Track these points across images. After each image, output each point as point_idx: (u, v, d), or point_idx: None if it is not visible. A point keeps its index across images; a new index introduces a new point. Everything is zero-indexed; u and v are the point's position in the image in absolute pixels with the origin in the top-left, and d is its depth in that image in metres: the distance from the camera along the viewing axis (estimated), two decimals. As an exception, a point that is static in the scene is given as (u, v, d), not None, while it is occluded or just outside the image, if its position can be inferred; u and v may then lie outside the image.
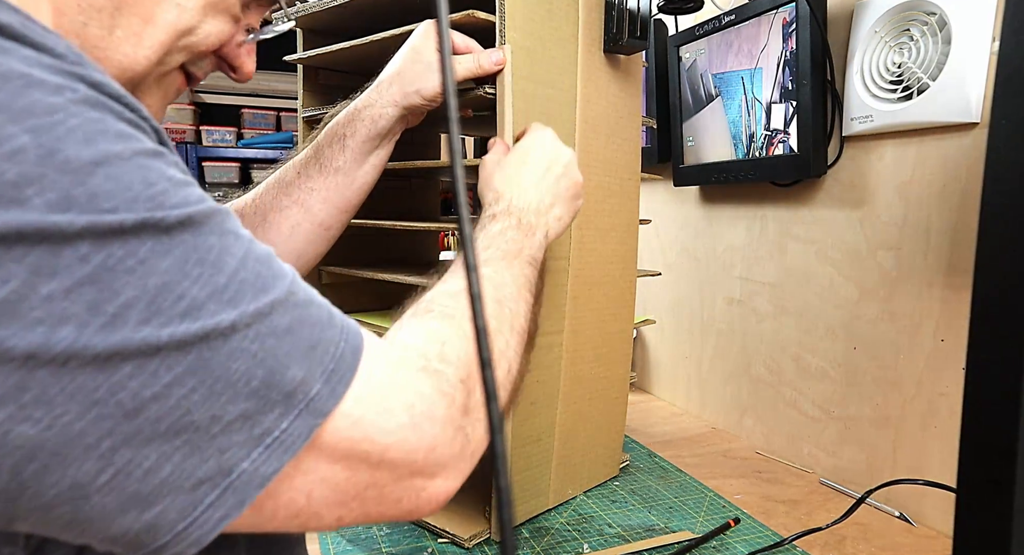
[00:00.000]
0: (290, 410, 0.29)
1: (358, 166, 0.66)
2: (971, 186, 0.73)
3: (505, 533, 0.24)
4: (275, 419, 0.28)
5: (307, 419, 0.29)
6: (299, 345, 0.29)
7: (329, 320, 0.32)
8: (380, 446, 0.32)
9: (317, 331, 0.31)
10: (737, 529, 0.77)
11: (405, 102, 0.64)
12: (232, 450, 0.27)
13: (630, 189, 0.87)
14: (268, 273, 0.30)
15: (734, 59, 1.00)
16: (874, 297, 0.85)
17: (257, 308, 0.28)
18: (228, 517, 0.27)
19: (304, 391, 0.29)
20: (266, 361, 0.28)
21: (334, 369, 0.31)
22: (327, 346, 0.31)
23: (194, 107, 2.70)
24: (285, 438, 0.28)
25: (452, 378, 0.37)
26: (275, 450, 0.28)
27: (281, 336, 0.29)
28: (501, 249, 0.51)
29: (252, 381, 0.27)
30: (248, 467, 0.28)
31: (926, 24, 0.76)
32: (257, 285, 0.29)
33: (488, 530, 0.76)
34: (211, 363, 0.26)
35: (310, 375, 0.29)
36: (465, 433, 0.37)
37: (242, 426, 0.27)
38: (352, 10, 0.82)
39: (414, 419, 0.34)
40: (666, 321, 1.28)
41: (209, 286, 0.27)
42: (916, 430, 0.80)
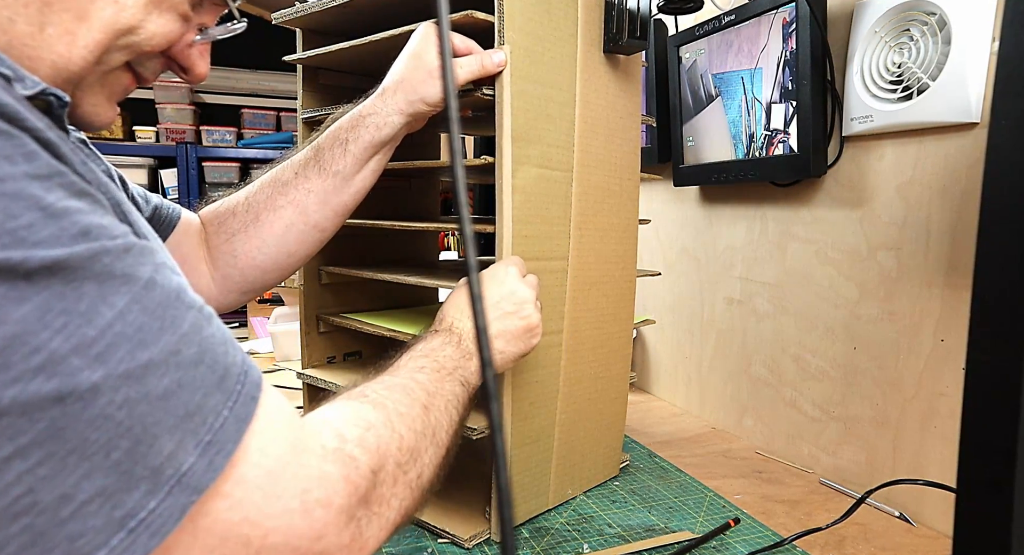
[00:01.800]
0: (158, 487, 0.25)
1: (357, 171, 0.66)
2: (971, 186, 0.73)
3: (505, 533, 0.24)
4: (140, 498, 0.25)
5: (179, 497, 0.26)
6: (175, 412, 0.26)
7: (219, 383, 0.29)
8: (261, 530, 0.29)
9: (199, 396, 0.27)
10: (737, 529, 0.77)
11: (410, 110, 0.64)
12: (86, 537, 0.23)
13: (630, 189, 0.87)
14: (154, 325, 0.26)
15: (734, 59, 1.00)
16: (874, 297, 0.85)
17: (128, 369, 0.25)
18: None
19: (174, 465, 0.26)
20: (133, 430, 0.24)
21: (211, 440, 0.27)
22: (206, 415, 0.27)
23: (194, 107, 2.70)
24: (152, 520, 0.25)
25: (363, 467, 0.35)
26: (140, 535, 0.25)
27: (155, 402, 0.25)
28: (437, 361, 0.51)
29: (112, 453, 0.24)
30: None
31: (926, 24, 0.76)
32: (135, 339, 0.25)
33: (488, 530, 0.76)
34: (65, 432, 0.23)
35: (182, 447, 0.26)
36: (359, 525, 0.34)
37: (100, 507, 0.24)
38: (352, 10, 0.82)
39: (306, 505, 0.31)
40: (666, 321, 1.28)
41: (74, 338, 0.23)
42: (916, 430, 0.80)
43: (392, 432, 0.39)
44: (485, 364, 0.25)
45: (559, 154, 0.75)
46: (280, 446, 0.31)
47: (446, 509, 0.80)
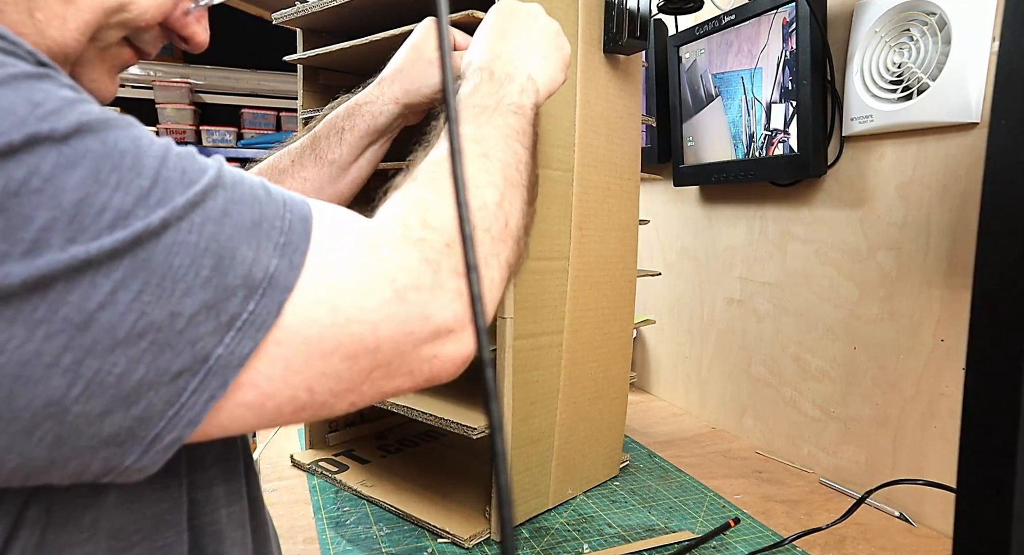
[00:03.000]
0: (253, 291, 0.28)
1: (353, 160, 0.66)
2: (971, 186, 0.73)
3: (505, 533, 0.24)
4: (239, 303, 0.28)
5: (273, 296, 0.29)
6: (241, 224, 0.28)
7: (267, 195, 0.31)
8: (369, 326, 0.31)
9: (257, 207, 0.30)
10: (737, 529, 0.77)
11: (407, 99, 0.64)
12: (203, 339, 0.27)
13: (630, 189, 0.87)
14: (193, 167, 0.29)
15: (734, 59, 1.00)
16: (874, 297, 0.85)
17: (188, 200, 0.27)
18: (215, 398, 0.28)
19: (262, 269, 0.28)
20: (210, 248, 0.27)
21: (286, 242, 0.30)
22: (272, 220, 0.30)
23: (194, 107, 2.70)
24: (254, 318, 0.28)
25: (437, 243, 0.35)
26: (247, 331, 0.28)
27: (218, 220, 0.28)
28: (476, 106, 0.47)
29: (202, 271, 0.27)
30: (223, 351, 0.27)
31: (926, 24, 0.76)
32: (184, 181, 0.28)
33: (488, 530, 0.76)
34: (151, 263, 0.26)
35: (262, 252, 0.29)
36: (464, 296, 0.35)
37: (207, 316, 0.27)
38: (352, 10, 0.82)
39: (399, 292, 0.32)
40: (666, 321, 1.28)
41: (133, 192, 0.26)
42: (916, 430, 0.80)
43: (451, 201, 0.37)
44: (484, 364, 0.25)
45: (560, 154, 0.75)
46: (353, 246, 0.32)
47: (446, 509, 0.80)
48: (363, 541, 0.75)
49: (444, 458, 0.99)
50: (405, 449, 1.02)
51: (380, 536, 0.76)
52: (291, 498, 0.86)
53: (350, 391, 0.32)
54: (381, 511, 0.82)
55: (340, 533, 0.77)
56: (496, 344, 0.72)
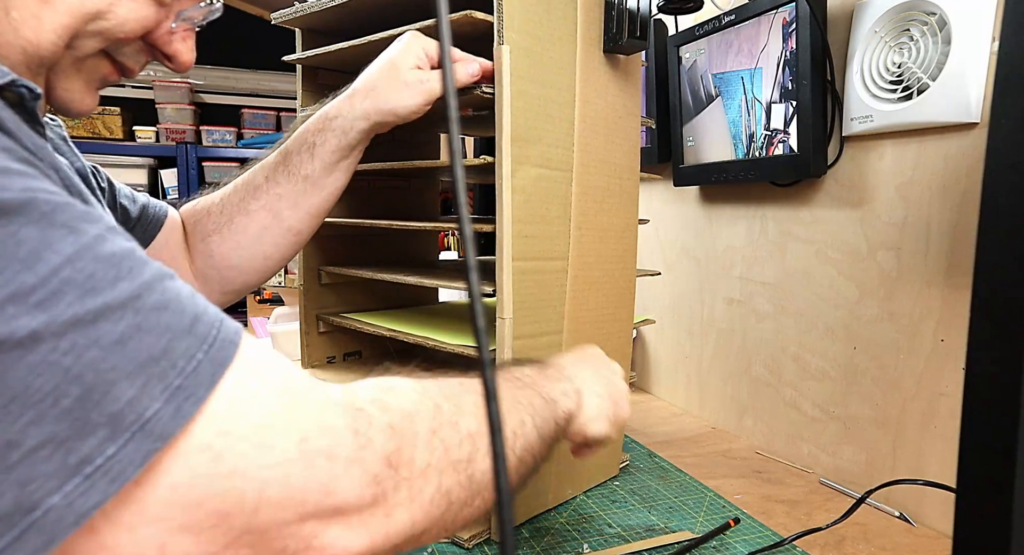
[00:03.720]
0: (117, 434, 0.24)
1: (327, 174, 0.65)
2: (971, 186, 0.73)
3: (505, 533, 0.24)
4: (97, 444, 0.24)
5: (141, 443, 0.24)
6: (134, 358, 0.25)
7: (189, 328, 0.27)
8: (256, 482, 0.27)
9: (164, 341, 0.26)
10: (737, 529, 0.77)
11: (377, 118, 0.63)
12: (36, 482, 0.23)
13: (630, 189, 0.87)
14: (108, 274, 0.25)
15: (734, 59, 1.00)
16: (874, 297, 0.85)
17: (76, 314, 0.23)
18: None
19: (137, 411, 0.24)
20: (84, 377, 0.23)
21: (181, 386, 0.26)
22: (175, 359, 0.26)
23: (194, 107, 2.70)
24: (111, 466, 0.24)
25: (377, 421, 0.31)
26: (98, 480, 0.24)
27: (108, 347, 0.24)
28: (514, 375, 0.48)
29: (62, 400, 0.23)
30: (59, 502, 0.23)
31: (926, 24, 0.76)
32: (86, 286, 0.24)
33: (488, 530, 0.76)
34: (5, 379, 0.22)
35: (145, 393, 0.25)
36: (382, 486, 0.31)
37: (51, 454, 0.23)
38: (351, 10, 0.82)
39: (305, 454, 0.28)
40: (666, 321, 1.28)
41: (11, 286, 0.22)
42: (916, 430, 0.80)
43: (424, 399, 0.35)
44: (484, 365, 0.25)
45: (559, 154, 0.75)
46: (269, 392, 0.29)
47: (446, 509, 0.80)
48: (363, 541, 0.75)
49: (444, 458, 0.98)
50: (405, 449, 1.02)
51: (380, 536, 0.76)
52: (291, 498, 0.86)
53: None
54: (381, 511, 0.82)
55: (340, 533, 0.76)
56: (496, 344, 0.72)
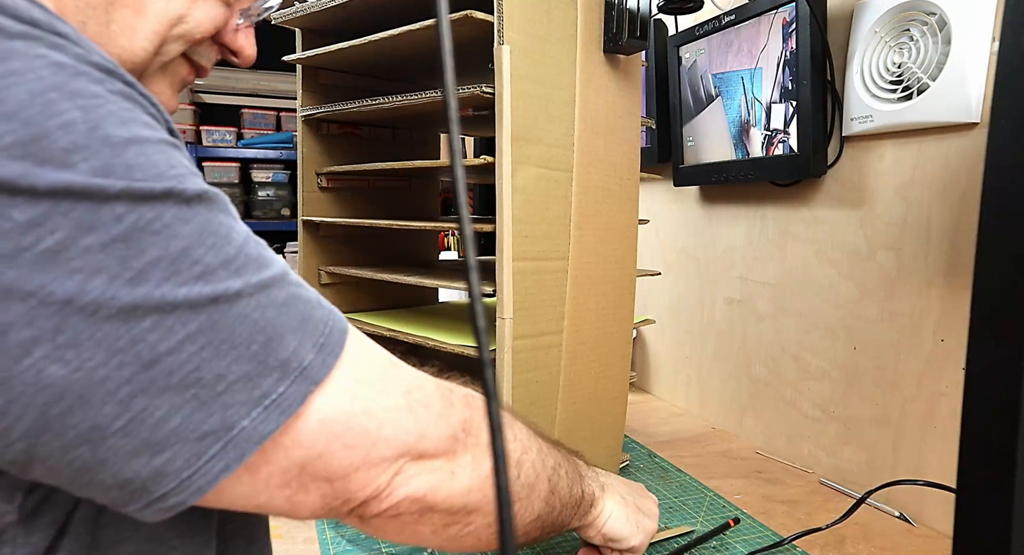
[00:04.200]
0: (286, 376, 0.31)
1: None
2: (971, 186, 0.73)
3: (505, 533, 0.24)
4: (273, 383, 0.30)
5: (301, 385, 0.31)
6: (293, 318, 0.32)
7: (318, 302, 0.34)
8: (376, 422, 0.34)
9: (308, 308, 0.33)
10: (737, 529, 0.77)
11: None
12: (234, 408, 0.29)
13: (630, 189, 0.87)
14: (267, 254, 0.33)
15: (734, 59, 1.00)
16: (874, 297, 0.85)
17: (259, 280, 0.31)
18: (228, 469, 0.29)
19: (298, 359, 0.31)
20: (266, 329, 0.30)
21: (324, 343, 0.33)
22: (317, 323, 0.33)
23: (194, 107, 2.70)
24: (282, 401, 0.31)
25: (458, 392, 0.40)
26: (272, 411, 0.30)
27: (279, 308, 0.31)
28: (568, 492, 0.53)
29: (253, 345, 0.30)
30: (248, 425, 0.30)
31: (926, 24, 0.76)
32: (259, 261, 0.31)
33: (488, 530, 0.76)
34: (219, 324, 0.29)
35: (303, 346, 0.32)
36: (456, 443, 0.39)
37: (243, 386, 0.29)
38: (352, 10, 0.82)
39: (410, 403, 0.36)
40: (666, 321, 1.28)
41: (221, 255, 0.29)
42: (916, 430, 0.80)
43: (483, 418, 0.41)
44: (484, 365, 0.25)
45: (559, 154, 0.75)
46: (378, 355, 0.37)
47: (446, 509, 0.80)
48: (363, 541, 0.75)
49: (444, 458, 0.99)
50: (405, 449, 1.02)
51: (380, 536, 0.76)
52: (291, 498, 0.86)
53: (327, 481, 0.34)
54: (381, 511, 0.82)
55: (340, 533, 0.76)
56: (496, 344, 0.72)
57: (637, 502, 0.63)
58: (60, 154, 0.26)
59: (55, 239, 0.25)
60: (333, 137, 0.99)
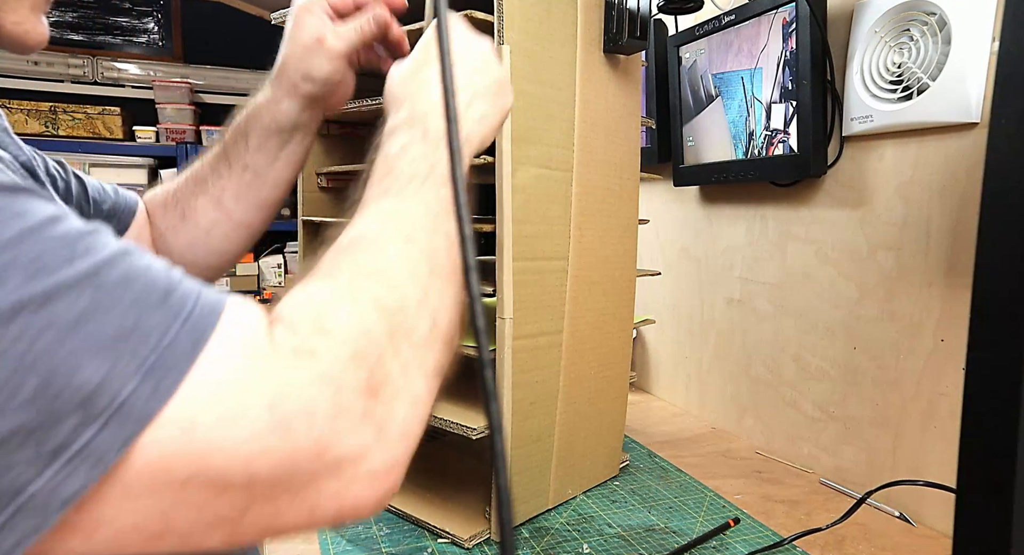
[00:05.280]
0: (91, 419, 0.23)
1: (268, 163, 0.62)
2: (971, 186, 0.73)
3: (505, 533, 0.24)
4: (71, 431, 0.23)
5: (120, 427, 0.24)
6: (97, 337, 0.23)
7: (162, 301, 0.25)
8: (237, 460, 0.26)
9: (133, 316, 0.24)
10: (737, 529, 0.77)
11: (300, 92, 0.60)
12: (17, 469, 0.22)
13: (630, 189, 0.87)
14: (60, 253, 0.24)
15: (734, 59, 1.00)
16: (874, 297, 0.85)
17: (21, 297, 0.22)
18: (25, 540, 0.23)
19: (110, 394, 0.23)
20: (37, 365, 0.22)
21: (156, 362, 0.24)
22: (148, 334, 0.24)
23: (194, 107, 2.70)
24: (89, 452, 0.23)
25: (337, 355, 0.29)
26: (78, 466, 0.23)
27: (65, 329, 0.23)
28: (405, 173, 0.40)
29: (21, 390, 0.22)
30: (42, 487, 0.23)
31: (926, 24, 0.75)
32: (32, 268, 0.23)
33: (488, 530, 0.76)
34: None
35: (116, 373, 0.24)
36: (375, 416, 0.29)
37: (23, 443, 0.22)
38: (352, 10, 0.82)
39: (279, 420, 0.27)
40: (666, 321, 1.28)
41: None
42: (916, 430, 0.80)
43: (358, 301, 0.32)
44: (484, 365, 0.25)
45: (559, 154, 0.75)
46: (232, 358, 0.27)
47: (446, 509, 0.80)
48: (363, 541, 0.75)
49: (444, 458, 0.99)
50: (405, 449, 1.02)
51: (380, 536, 0.76)
52: (291, 498, 0.86)
53: (220, 526, 0.27)
54: (381, 511, 0.82)
55: (340, 533, 0.77)
56: (496, 344, 0.72)
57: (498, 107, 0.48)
58: None
59: None
60: (333, 137, 0.99)
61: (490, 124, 0.47)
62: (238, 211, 0.64)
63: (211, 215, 0.63)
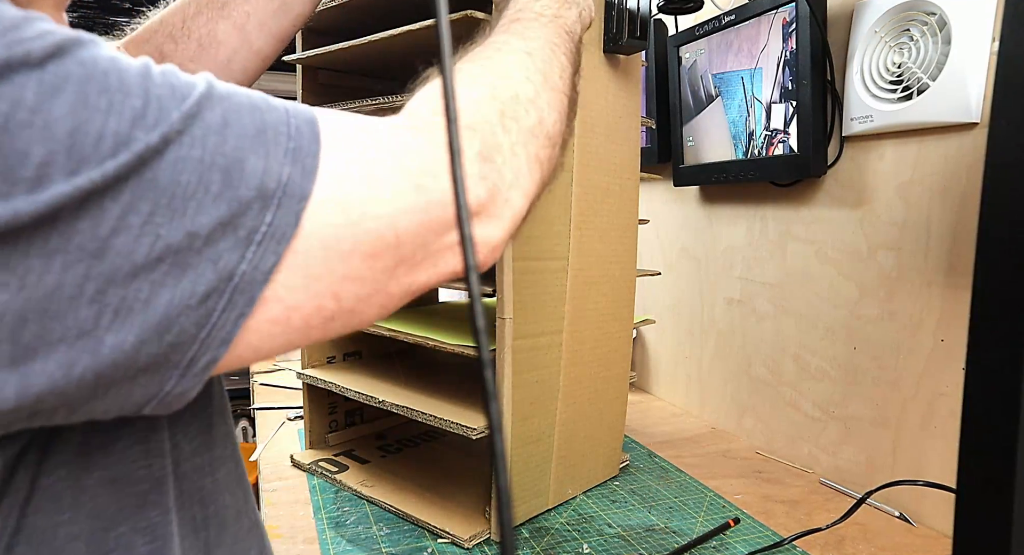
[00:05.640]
0: (268, 202, 0.27)
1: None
2: (971, 186, 0.73)
3: (505, 533, 0.24)
4: (256, 215, 0.27)
5: (289, 205, 0.28)
6: (244, 133, 0.27)
7: (267, 103, 0.29)
8: (386, 220, 0.30)
9: (258, 115, 0.28)
10: (737, 529, 0.77)
11: None
12: (224, 257, 0.26)
13: (630, 189, 0.87)
14: (180, 81, 0.27)
15: (734, 59, 1.00)
16: (874, 297, 0.85)
17: (182, 113, 0.26)
18: (243, 315, 0.27)
19: (274, 177, 0.27)
20: (216, 162, 0.26)
21: (296, 147, 0.28)
22: (276, 126, 0.28)
23: (194, 107, 2.70)
24: (273, 231, 0.27)
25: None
26: (267, 244, 0.27)
27: (220, 131, 0.26)
28: (534, 11, 0.46)
29: (211, 186, 0.26)
30: (246, 267, 0.27)
31: (926, 24, 0.76)
32: (176, 96, 0.26)
33: (488, 530, 0.76)
34: (157, 182, 0.24)
35: (272, 161, 0.27)
36: (488, 179, 0.34)
37: (223, 233, 0.26)
38: (351, 10, 0.82)
39: (414, 180, 0.31)
40: (666, 321, 1.28)
41: (127, 114, 0.24)
42: (916, 430, 0.80)
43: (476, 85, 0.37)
44: (484, 365, 0.25)
45: (559, 154, 0.75)
46: (358, 137, 0.31)
47: (446, 509, 0.80)
48: (363, 541, 0.75)
49: (444, 458, 0.99)
50: (405, 449, 1.02)
51: (380, 536, 0.76)
52: (291, 498, 0.86)
53: (376, 292, 0.31)
54: (381, 511, 0.82)
55: (340, 533, 0.77)
56: (496, 344, 0.72)
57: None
58: None
59: None
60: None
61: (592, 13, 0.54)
62: (260, 40, 0.63)
63: (233, 42, 0.62)
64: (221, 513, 0.39)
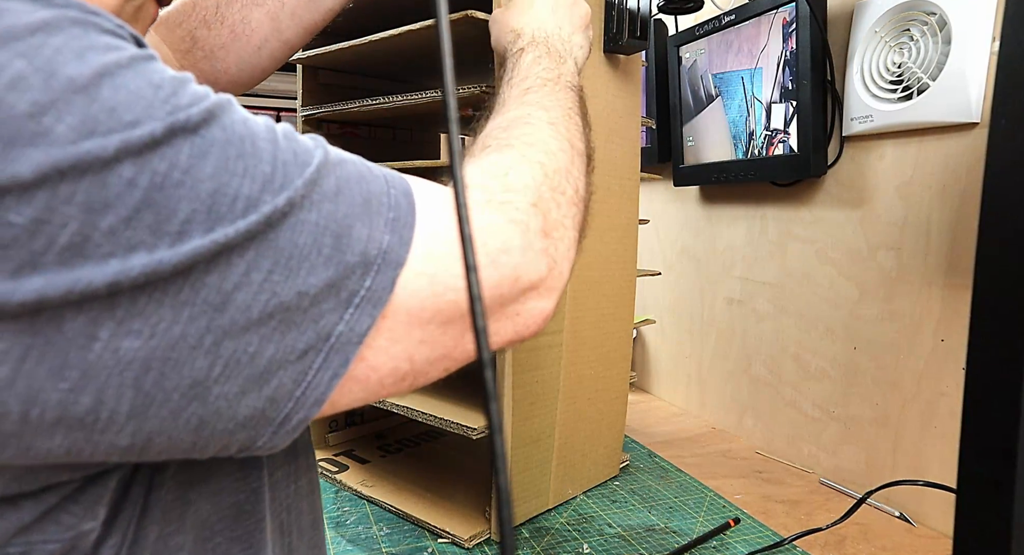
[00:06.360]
0: (369, 268, 0.29)
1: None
2: (971, 186, 0.73)
3: (505, 533, 0.24)
4: (357, 280, 0.29)
5: (387, 272, 0.30)
6: (353, 202, 0.29)
7: (369, 172, 0.31)
8: (464, 294, 0.32)
9: (364, 185, 0.30)
10: (737, 529, 0.77)
11: None
12: (325, 317, 0.28)
13: (630, 189, 0.87)
14: (300, 147, 0.29)
15: (734, 59, 1.00)
16: (874, 297, 0.85)
17: (304, 180, 0.28)
18: (337, 375, 0.29)
19: (376, 245, 0.29)
20: (329, 227, 0.28)
21: (395, 217, 0.30)
22: (379, 197, 0.31)
23: (194, 107, 2.71)
24: (371, 295, 0.29)
25: (521, 205, 0.36)
26: (364, 307, 0.29)
27: (333, 199, 0.29)
28: (540, 77, 0.50)
29: (323, 249, 0.28)
30: (344, 328, 0.29)
31: (926, 24, 0.76)
32: (298, 162, 0.28)
33: (488, 530, 0.76)
34: (278, 242, 0.27)
35: (375, 228, 0.30)
36: (547, 253, 0.37)
37: (328, 294, 0.28)
38: (351, 10, 0.82)
39: (490, 256, 0.34)
40: (666, 321, 1.28)
41: (259, 178, 0.27)
42: (916, 430, 0.80)
43: (530, 164, 0.40)
44: (484, 365, 0.25)
45: (559, 154, 0.75)
46: (446, 215, 0.33)
47: (446, 509, 0.80)
48: (363, 541, 0.75)
49: (444, 458, 0.99)
50: (405, 449, 1.02)
51: (380, 536, 0.76)
52: (291, 498, 0.86)
53: (444, 357, 0.33)
54: (381, 511, 0.82)
55: (340, 533, 0.77)
56: (496, 344, 0.72)
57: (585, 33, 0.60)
58: (26, 123, 0.22)
59: (70, 232, 0.22)
60: (333, 137, 0.99)
61: (585, 53, 0.59)
62: (290, 30, 0.64)
63: (265, 30, 0.63)
64: (300, 519, 0.42)
